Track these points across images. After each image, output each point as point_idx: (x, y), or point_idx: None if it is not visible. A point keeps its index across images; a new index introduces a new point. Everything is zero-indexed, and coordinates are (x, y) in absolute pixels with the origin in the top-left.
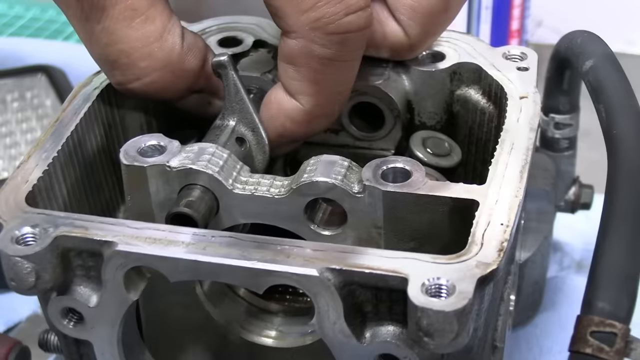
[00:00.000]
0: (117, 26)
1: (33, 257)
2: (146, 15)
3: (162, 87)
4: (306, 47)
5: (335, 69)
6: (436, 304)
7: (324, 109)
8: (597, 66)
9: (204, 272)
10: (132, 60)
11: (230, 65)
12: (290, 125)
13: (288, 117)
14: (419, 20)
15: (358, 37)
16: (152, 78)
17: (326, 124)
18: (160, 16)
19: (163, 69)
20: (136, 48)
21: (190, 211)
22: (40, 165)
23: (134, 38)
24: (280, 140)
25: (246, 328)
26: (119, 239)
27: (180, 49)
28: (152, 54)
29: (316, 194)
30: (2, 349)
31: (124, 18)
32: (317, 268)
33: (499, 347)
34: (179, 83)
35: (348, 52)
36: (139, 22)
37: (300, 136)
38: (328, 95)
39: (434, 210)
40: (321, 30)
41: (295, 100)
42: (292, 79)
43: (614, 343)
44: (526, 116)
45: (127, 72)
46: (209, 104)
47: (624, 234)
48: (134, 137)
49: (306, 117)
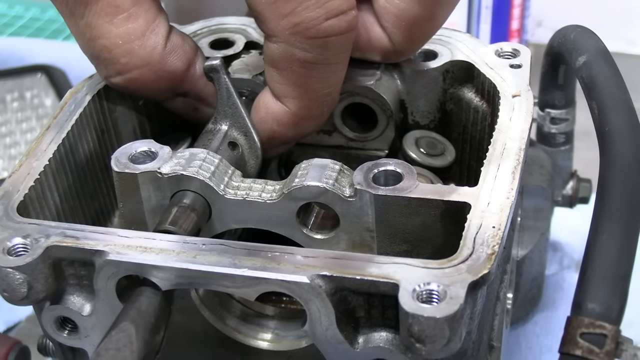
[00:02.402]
0: (99, 21)
1: (24, 268)
2: (129, 12)
3: (143, 85)
4: (288, 51)
5: (319, 72)
6: (427, 310)
7: (310, 112)
8: (590, 62)
9: (195, 280)
10: (113, 56)
11: (222, 70)
12: (278, 128)
13: (275, 120)
14: (404, 28)
15: (341, 40)
16: (133, 75)
17: (315, 126)
18: (144, 14)
19: (143, 67)
20: (117, 44)
21: (174, 228)
22: (32, 173)
23: (115, 34)
24: (271, 143)
25: (242, 331)
26: (110, 248)
27: (163, 49)
28: (132, 51)
29: (308, 198)
30: (2, 349)
31: (106, 14)
32: (307, 275)
33: (495, 347)
34: (161, 83)
35: (331, 55)
36: (121, 19)
37: (289, 138)
38: (314, 98)
39: (426, 213)
40: (301, 34)
41: (281, 103)
42: (277, 83)
43: (604, 344)
44: (519, 115)
45: (109, 67)
46: (195, 110)
47: (615, 233)
48: (127, 142)
49: (293, 120)
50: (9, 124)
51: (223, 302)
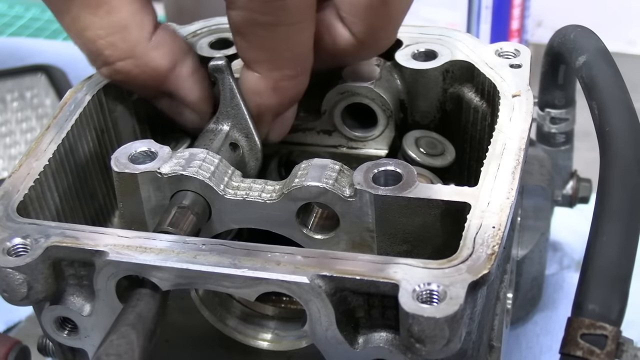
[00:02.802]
0: (82, 14)
1: (24, 268)
2: (111, 4)
3: (127, 78)
4: (248, 17)
5: (283, 32)
6: (427, 310)
7: (284, 73)
8: (590, 62)
9: (195, 280)
10: (98, 47)
11: (227, 70)
12: (260, 100)
13: (254, 91)
14: (360, 15)
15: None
16: (117, 67)
17: (295, 87)
18: (127, 7)
19: (126, 59)
20: (100, 36)
21: (174, 229)
22: (32, 174)
23: (98, 26)
24: (263, 119)
25: (241, 332)
26: (109, 248)
27: (146, 45)
28: (115, 43)
29: (308, 198)
30: (2, 349)
31: (89, 6)
32: (307, 275)
33: (495, 347)
34: (144, 78)
35: (292, 15)
36: (104, 11)
37: (275, 107)
38: (284, 59)
39: (426, 213)
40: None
41: (253, 71)
42: (244, 50)
43: (605, 345)
44: (519, 115)
45: (96, 58)
46: (179, 114)
47: (615, 234)
48: (127, 142)
49: (268, 85)
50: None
51: (223, 302)
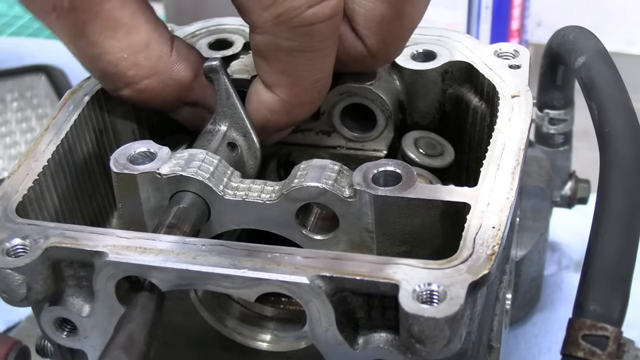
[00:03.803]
0: (100, 38)
1: (24, 269)
2: (129, 25)
3: (151, 96)
4: (273, 41)
5: (306, 59)
6: (427, 310)
7: (301, 99)
8: (589, 63)
9: (195, 281)
10: (119, 70)
11: (221, 70)
12: (271, 117)
13: (267, 108)
14: (374, 29)
15: (326, 27)
16: (141, 86)
17: (308, 112)
18: (145, 25)
19: (151, 77)
20: (122, 58)
21: (174, 229)
22: (31, 174)
23: (119, 49)
24: (265, 131)
25: (241, 332)
26: (109, 249)
27: (168, 58)
28: (138, 63)
29: (307, 199)
30: (2, 349)
31: (107, 29)
32: (307, 275)
33: (495, 347)
34: (169, 92)
35: (317, 42)
36: (123, 33)
37: (283, 126)
38: (303, 85)
39: (426, 214)
40: (285, 24)
41: (271, 92)
42: (265, 72)
43: (606, 346)
44: (518, 115)
45: (117, 80)
46: (202, 120)
47: (616, 234)
48: (126, 143)
49: (285, 108)
50: (9, 124)
51: (222, 303)
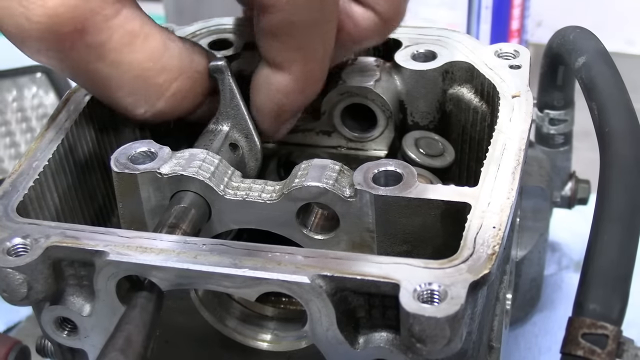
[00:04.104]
0: (121, 55)
1: (24, 268)
2: (145, 33)
3: (184, 98)
4: (288, 19)
5: (320, 31)
6: (428, 310)
7: (314, 74)
8: (589, 63)
9: (196, 280)
10: (149, 81)
11: (226, 70)
12: (286, 99)
13: (280, 91)
14: None
15: None
16: (173, 90)
17: (318, 89)
18: (155, 29)
19: (180, 76)
20: (148, 68)
21: (174, 229)
22: (31, 174)
23: (143, 59)
24: (280, 119)
25: (241, 332)
26: (110, 248)
27: (187, 51)
28: (165, 66)
29: (308, 198)
30: (2, 349)
31: (125, 44)
32: (308, 275)
33: (495, 347)
34: (197, 87)
35: (329, 13)
36: (140, 44)
37: (298, 107)
38: (315, 58)
39: (426, 214)
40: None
41: (284, 72)
42: (278, 51)
43: (606, 345)
44: (518, 115)
45: (149, 94)
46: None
47: (616, 234)
48: (126, 143)
49: (299, 86)
50: (9, 124)
51: (222, 303)
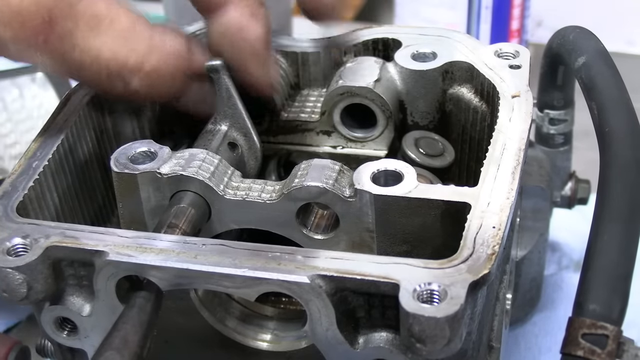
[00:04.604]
0: (90, 40)
1: (24, 268)
2: (109, 16)
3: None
4: None
5: None
6: (427, 310)
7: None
8: (589, 63)
9: (196, 280)
10: (120, 62)
11: (223, 70)
12: (247, 34)
13: (238, 29)
14: None
15: None
16: (146, 69)
17: (267, 16)
18: (123, 11)
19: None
20: (117, 50)
21: (174, 229)
22: (31, 174)
23: (111, 41)
24: (260, 56)
25: (241, 332)
26: (109, 248)
27: (158, 33)
28: (134, 47)
29: (307, 198)
30: (2, 349)
31: (92, 27)
32: (308, 275)
33: (495, 347)
34: (172, 67)
35: None
36: (107, 26)
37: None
38: None
39: (426, 214)
40: None
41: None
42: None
43: (606, 345)
44: (518, 115)
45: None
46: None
47: (616, 234)
48: (126, 143)
49: (245, 15)
50: (9, 124)
51: (222, 303)
